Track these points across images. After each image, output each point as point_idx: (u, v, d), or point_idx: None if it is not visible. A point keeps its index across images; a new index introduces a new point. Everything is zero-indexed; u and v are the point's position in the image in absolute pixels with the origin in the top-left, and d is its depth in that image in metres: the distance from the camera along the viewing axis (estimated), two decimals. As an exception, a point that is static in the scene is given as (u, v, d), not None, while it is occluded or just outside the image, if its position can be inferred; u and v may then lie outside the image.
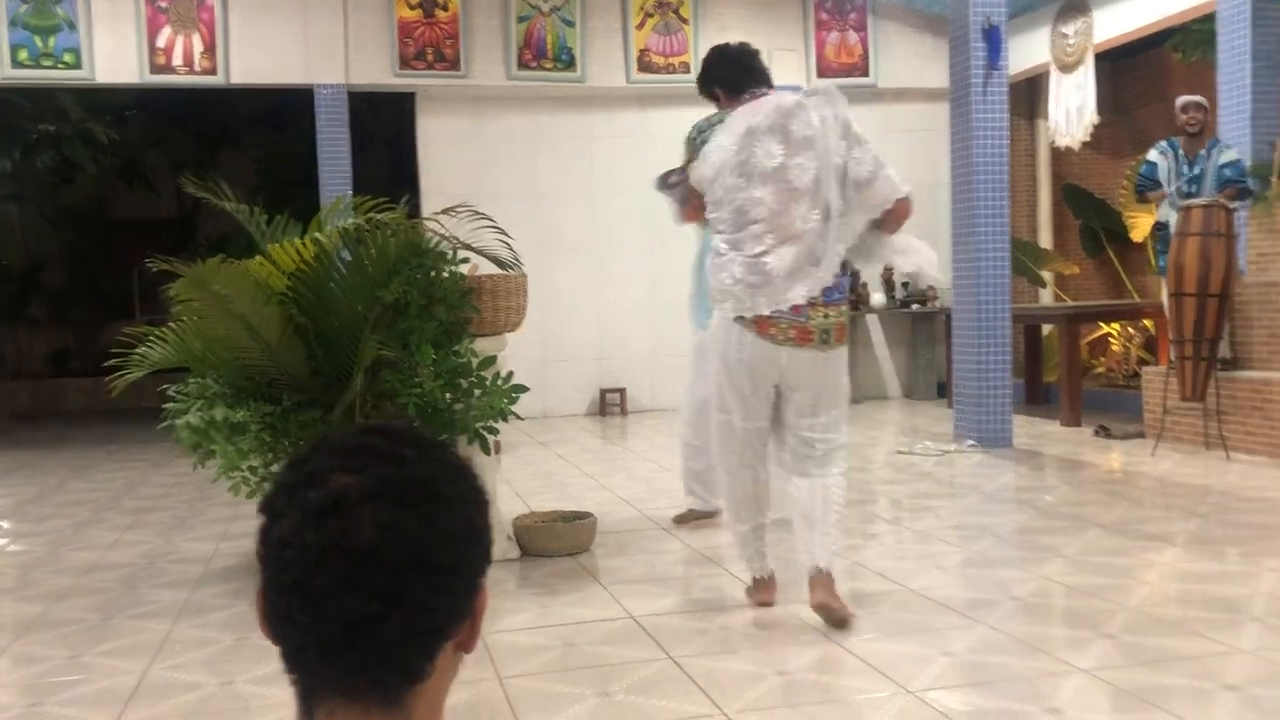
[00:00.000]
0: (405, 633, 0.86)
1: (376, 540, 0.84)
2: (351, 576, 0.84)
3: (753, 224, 3.39)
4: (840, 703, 2.83)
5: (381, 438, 0.91)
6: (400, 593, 0.85)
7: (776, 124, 3.41)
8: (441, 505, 0.89)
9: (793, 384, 3.47)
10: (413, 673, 0.88)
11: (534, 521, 4.75)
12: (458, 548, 0.89)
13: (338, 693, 0.86)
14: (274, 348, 4.03)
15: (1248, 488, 5.52)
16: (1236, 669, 2.96)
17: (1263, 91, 7.23)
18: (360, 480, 0.86)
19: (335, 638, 0.85)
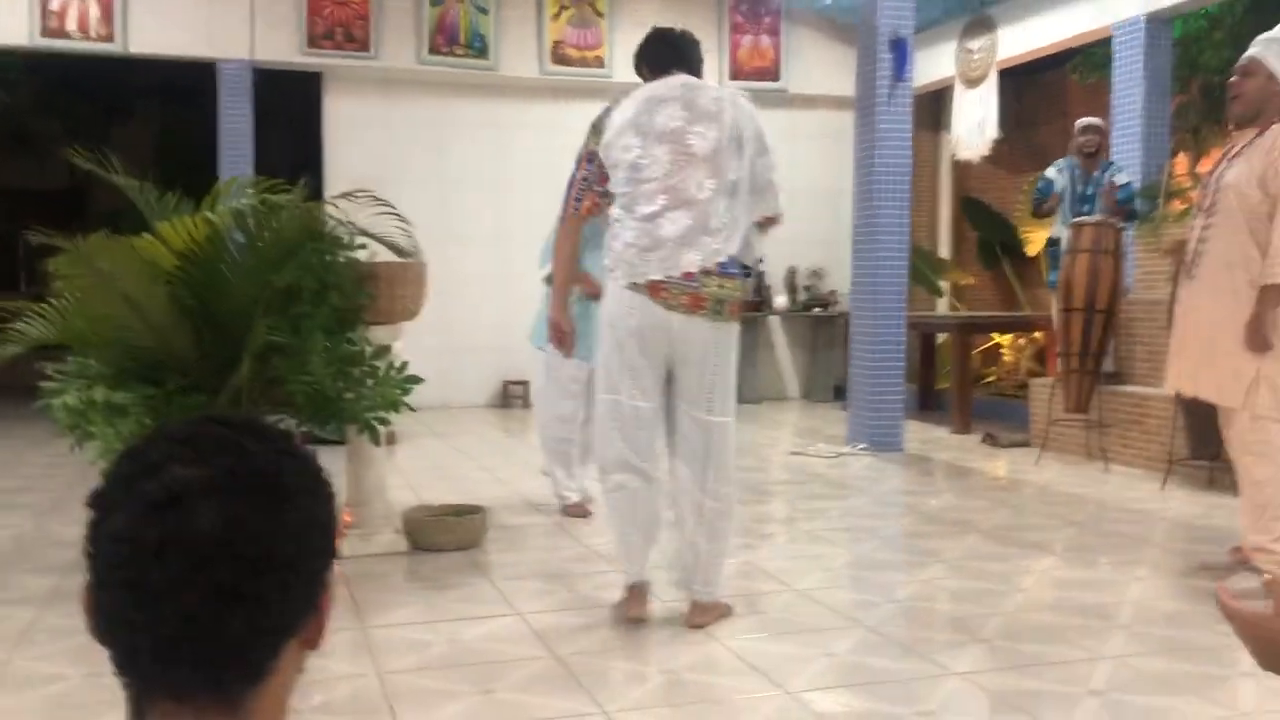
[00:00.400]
0: (247, 631, 0.84)
1: (218, 534, 0.81)
2: (191, 572, 0.81)
3: (645, 183, 3.33)
4: (720, 702, 2.86)
5: (222, 427, 0.88)
6: (242, 589, 0.82)
7: (682, 95, 3.41)
8: (285, 498, 0.86)
9: (682, 357, 3.37)
10: (254, 672, 0.86)
11: (424, 515, 4.69)
12: (302, 541, 0.86)
13: (172, 695, 0.83)
14: (160, 329, 3.92)
15: (1124, 499, 5.72)
16: (1101, 675, 3.06)
17: (1154, 116, 7.50)
18: (200, 472, 0.83)
19: (172, 637, 0.82)
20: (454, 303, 9.78)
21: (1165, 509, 5.47)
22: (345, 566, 4.28)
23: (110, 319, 3.93)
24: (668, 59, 3.59)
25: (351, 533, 4.51)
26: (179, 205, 4.49)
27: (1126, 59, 7.60)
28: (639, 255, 3.31)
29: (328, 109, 9.65)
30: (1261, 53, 3.97)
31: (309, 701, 2.86)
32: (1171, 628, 3.51)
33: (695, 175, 3.31)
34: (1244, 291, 3.91)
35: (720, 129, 3.35)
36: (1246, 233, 3.90)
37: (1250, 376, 3.89)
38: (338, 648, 3.33)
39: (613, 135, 3.42)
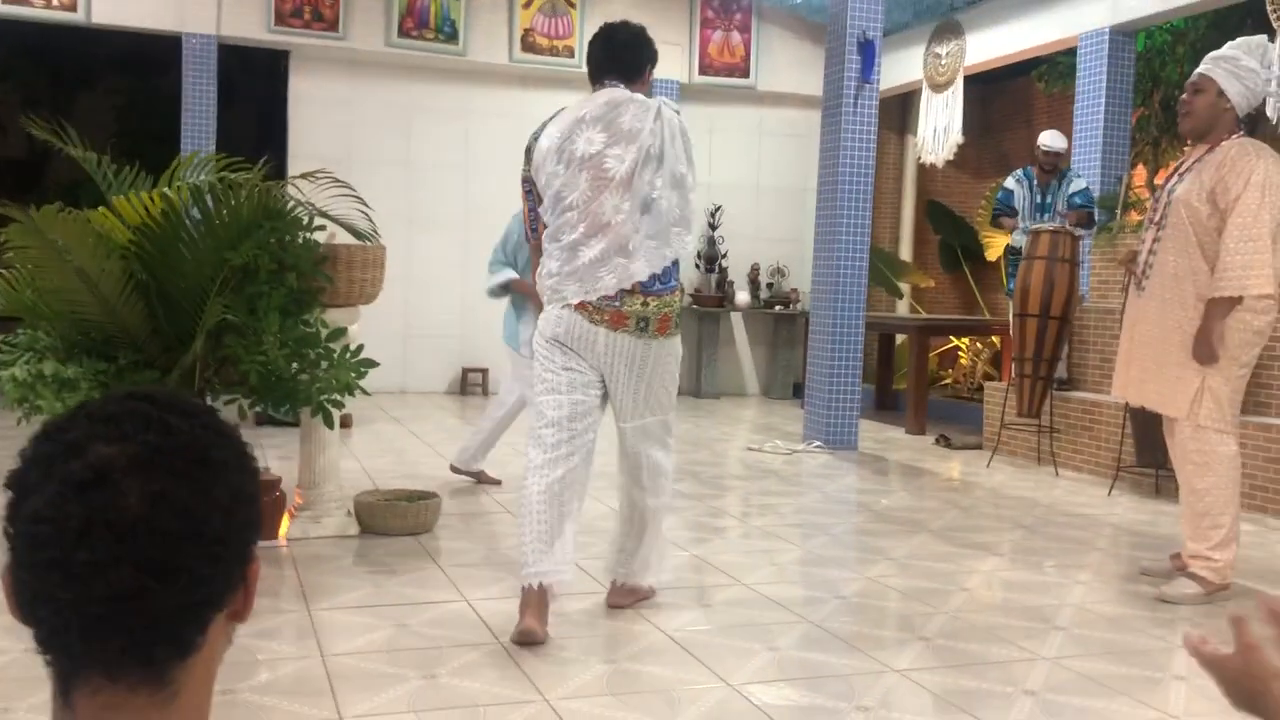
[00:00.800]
0: (176, 606, 0.84)
1: (144, 511, 0.81)
2: (118, 550, 0.81)
3: (567, 211, 3.37)
4: (661, 693, 2.88)
5: (145, 403, 0.87)
6: (171, 564, 0.83)
7: (604, 115, 3.39)
8: (211, 473, 0.86)
9: (609, 370, 3.42)
10: (183, 646, 0.86)
11: (376, 499, 4.68)
12: (229, 516, 0.87)
13: (100, 671, 0.83)
14: (112, 304, 3.87)
15: (1071, 503, 5.81)
16: (1037, 675, 3.11)
17: (1114, 127, 7.60)
18: (125, 449, 0.83)
19: (101, 615, 0.81)
20: (415, 289, 9.75)
21: (1111, 514, 5.56)
22: (294, 548, 4.26)
23: (61, 292, 3.88)
24: (603, 66, 3.55)
25: (302, 515, 4.49)
26: (137, 179, 4.45)
27: (1090, 69, 7.69)
28: (561, 281, 3.38)
29: (293, 88, 9.56)
30: (1211, 70, 4.04)
31: (253, 680, 2.85)
32: (1110, 631, 3.58)
33: (611, 199, 3.33)
34: (1191, 304, 3.99)
35: (639, 149, 3.33)
36: (1195, 246, 3.98)
37: (1195, 387, 3.97)
38: (283, 629, 3.33)
39: (540, 160, 3.43)
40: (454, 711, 2.70)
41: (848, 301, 7.39)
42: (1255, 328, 3.93)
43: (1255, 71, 4.00)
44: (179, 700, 0.86)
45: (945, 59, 9.38)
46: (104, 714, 0.84)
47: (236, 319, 3.91)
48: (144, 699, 0.84)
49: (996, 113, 11.21)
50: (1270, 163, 3.90)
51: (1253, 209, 3.84)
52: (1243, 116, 4.07)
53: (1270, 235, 3.84)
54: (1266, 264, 3.82)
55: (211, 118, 8.94)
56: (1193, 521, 4.06)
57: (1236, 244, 3.85)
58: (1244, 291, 3.84)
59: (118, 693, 0.84)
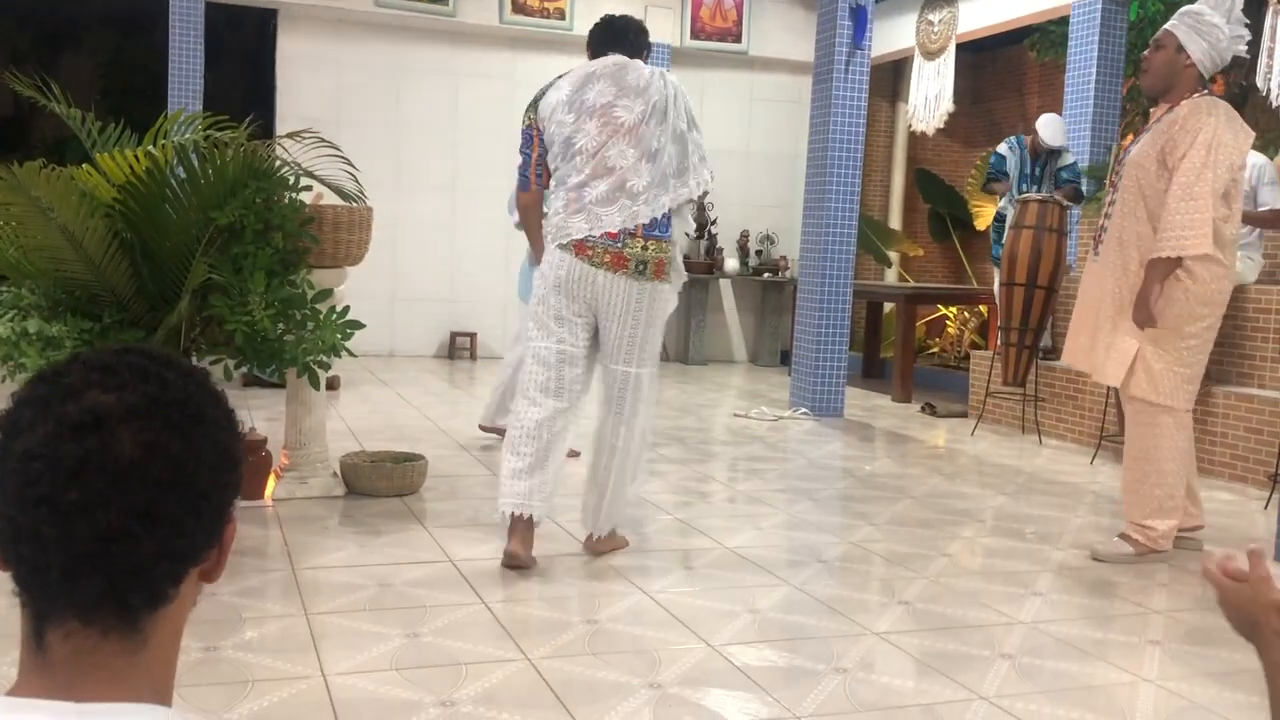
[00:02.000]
0: (157, 555, 0.85)
1: (138, 458, 0.83)
2: (109, 492, 0.82)
3: (576, 155, 3.59)
4: (642, 653, 2.91)
5: (142, 357, 0.89)
6: (157, 513, 0.84)
7: (614, 72, 3.65)
8: (203, 429, 0.88)
9: (604, 312, 3.61)
10: (157, 596, 0.87)
11: (362, 460, 4.69)
12: (215, 473, 0.89)
13: (75, 615, 0.85)
14: (96, 262, 3.85)
15: (1054, 471, 5.86)
16: (1014, 639, 3.16)
17: (1104, 97, 7.59)
18: (122, 397, 0.85)
19: (84, 555, 0.83)
20: (403, 251, 9.73)
21: (1093, 483, 5.60)
22: (280, 508, 4.28)
23: (45, 250, 3.86)
24: (605, 43, 3.81)
25: (288, 475, 4.50)
26: (122, 137, 4.41)
27: (1082, 39, 7.67)
28: (566, 219, 3.59)
29: (281, 47, 9.48)
30: (1174, 26, 3.97)
31: (237, 638, 2.88)
32: (1087, 597, 3.62)
33: (619, 145, 3.56)
34: (1133, 270, 3.96)
35: (645, 102, 3.58)
36: (1143, 209, 3.93)
37: (1129, 355, 3.96)
38: (268, 587, 3.35)
39: (549, 111, 3.65)
40: (436, 669, 2.73)
41: (836, 269, 7.39)
42: (1199, 296, 3.87)
43: (1218, 28, 3.90)
44: (148, 649, 0.87)
45: (938, 26, 9.34)
46: (75, 657, 0.85)
47: (222, 279, 3.89)
48: (115, 644, 0.86)
49: (988, 81, 11.19)
50: (1221, 121, 3.80)
51: (1196, 168, 3.76)
52: (1209, 76, 3.99)
53: (1211, 195, 3.75)
54: (1205, 224, 3.73)
55: (198, 77, 8.86)
56: (1129, 488, 4.12)
57: (1177, 203, 3.77)
58: (1181, 251, 3.76)
59: (90, 636, 0.85)
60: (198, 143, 3.96)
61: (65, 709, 0.81)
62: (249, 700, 2.51)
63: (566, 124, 3.59)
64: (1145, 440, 4.03)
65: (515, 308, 10.22)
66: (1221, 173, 3.78)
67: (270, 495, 4.41)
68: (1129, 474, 4.12)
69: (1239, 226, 4.02)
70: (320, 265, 4.32)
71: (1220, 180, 3.78)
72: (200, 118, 4.12)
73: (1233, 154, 3.81)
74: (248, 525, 4.02)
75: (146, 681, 0.87)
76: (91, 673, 0.85)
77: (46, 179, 3.61)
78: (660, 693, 2.65)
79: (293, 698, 2.54)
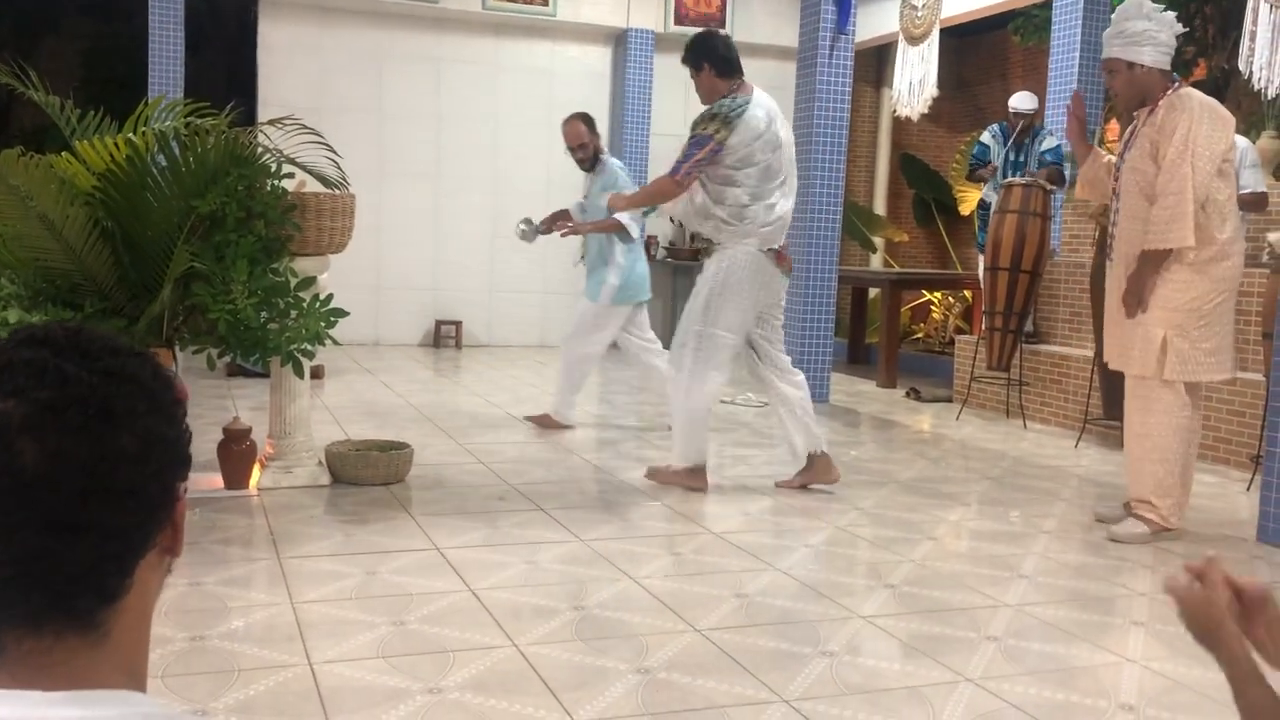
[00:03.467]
0: (92, 559, 0.81)
1: (43, 470, 0.78)
2: (19, 511, 0.78)
3: (771, 181, 4.53)
4: (629, 638, 2.91)
5: (41, 349, 0.82)
6: (78, 521, 0.80)
7: (778, 114, 4.64)
8: (115, 424, 0.82)
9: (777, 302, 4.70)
10: (106, 593, 0.83)
11: (348, 449, 4.68)
12: (140, 463, 0.83)
13: (24, 623, 0.81)
14: (77, 251, 3.83)
15: (1039, 455, 5.88)
16: (999, 622, 3.17)
17: (1088, 82, 7.59)
18: (18, 406, 0.79)
19: (14, 575, 0.79)
20: (387, 239, 9.70)
21: (1078, 466, 5.63)
22: (265, 498, 4.26)
23: (24, 239, 3.83)
24: (737, 67, 4.63)
25: (273, 465, 4.48)
26: (102, 124, 4.38)
27: (1065, 23, 7.68)
28: (771, 231, 4.54)
29: (263, 34, 9.41)
30: (1111, 51, 4.11)
31: (223, 627, 2.87)
32: (1072, 579, 3.64)
33: (791, 175, 4.65)
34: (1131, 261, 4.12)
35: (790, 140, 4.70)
36: (1145, 210, 4.07)
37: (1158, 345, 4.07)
38: (254, 576, 3.34)
39: (750, 140, 4.46)
40: (422, 657, 2.72)
41: (821, 255, 7.39)
42: (1217, 274, 4.02)
43: (1147, 30, 4.04)
44: (110, 640, 0.84)
45: (921, 11, 9.31)
46: (32, 658, 0.81)
47: (204, 267, 3.87)
48: (73, 643, 0.82)
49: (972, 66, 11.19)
50: (1196, 114, 3.95)
51: (1175, 162, 3.94)
52: (1169, 65, 4.11)
53: (1190, 186, 3.90)
54: (1186, 215, 3.90)
55: (179, 64, 8.79)
56: (1133, 467, 4.21)
57: (1162, 198, 3.97)
58: (1165, 244, 3.95)
59: (43, 639, 0.81)
60: (179, 130, 3.93)
61: (35, 699, 0.78)
62: (235, 689, 2.50)
63: (766, 155, 4.48)
64: (1145, 418, 4.14)
65: (505, 297, 10.23)
66: (1201, 164, 3.92)
67: (255, 484, 4.40)
68: (1131, 452, 4.22)
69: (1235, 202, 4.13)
70: (303, 253, 4.29)
71: (1201, 171, 3.92)
72: (181, 104, 4.09)
73: (1212, 143, 3.95)
74: (233, 514, 4.01)
75: (114, 669, 0.84)
76: (54, 670, 0.81)
77: (25, 167, 3.58)
78: (648, 678, 2.65)
79: (279, 686, 2.53)
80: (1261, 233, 6.06)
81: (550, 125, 10.31)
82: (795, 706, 2.52)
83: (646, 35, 10.05)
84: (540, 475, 4.86)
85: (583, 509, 4.33)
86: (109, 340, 0.87)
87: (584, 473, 5.00)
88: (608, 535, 3.95)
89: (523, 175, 10.20)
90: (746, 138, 4.42)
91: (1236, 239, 4.07)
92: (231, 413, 5.34)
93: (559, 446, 5.56)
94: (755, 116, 4.44)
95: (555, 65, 10.26)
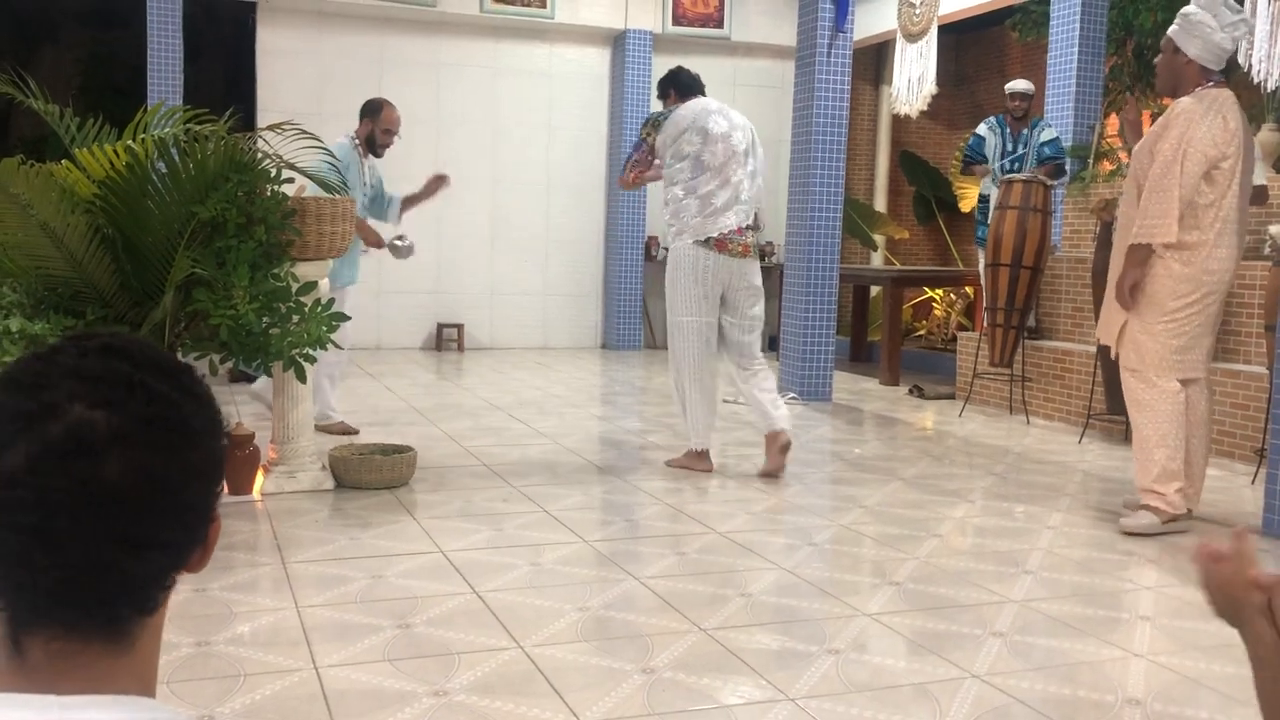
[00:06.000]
0: (147, 572, 0.84)
1: (127, 485, 0.80)
2: (96, 522, 0.79)
3: (705, 171, 4.85)
4: (634, 638, 2.91)
5: (124, 362, 0.84)
6: (148, 539, 0.82)
7: (721, 110, 4.99)
8: (191, 442, 0.85)
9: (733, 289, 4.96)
10: (148, 606, 0.85)
11: (351, 453, 4.68)
12: (205, 482, 0.86)
13: (60, 625, 0.82)
14: (78, 259, 3.83)
15: (1042, 450, 5.87)
16: (1005, 617, 3.17)
17: (1086, 76, 7.59)
18: (108, 418, 0.80)
19: (73, 580, 0.80)
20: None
21: (1081, 461, 5.62)
22: (269, 503, 4.26)
23: (25, 247, 3.83)
24: (696, 87, 5.12)
25: (276, 470, 4.48)
26: (101, 132, 4.38)
27: (1064, 18, 7.67)
28: (702, 222, 4.85)
29: (261, 40, 9.42)
30: (1171, 29, 4.19)
31: (229, 632, 2.87)
32: (1078, 574, 3.64)
33: (733, 164, 4.88)
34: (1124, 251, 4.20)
35: (744, 135, 4.97)
36: (1139, 199, 4.14)
37: (1118, 324, 4.22)
38: (259, 581, 3.34)
39: (675, 135, 4.89)
40: (429, 660, 2.72)
41: (822, 253, 7.39)
42: (1180, 275, 4.08)
43: (1204, 24, 4.08)
44: (134, 650, 0.85)
45: (919, 8, 9.31)
46: (56, 661, 0.82)
47: (205, 273, 3.87)
48: (99, 649, 0.83)
49: (970, 62, 11.19)
50: (1196, 116, 4.01)
51: (1166, 160, 4.01)
52: (1217, 68, 4.16)
53: (1176, 185, 3.97)
54: (1170, 213, 3.99)
55: (178, 72, 8.79)
56: (1136, 457, 4.29)
57: (1149, 194, 4.05)
58: (1150, 239, 4.03)
59: (73, 643, 0.82)
60: (178, 136, 3.92)
61: (47, 702, 0.79)
62: (241, 694, 2.50)
63: (695, 143, 4.84)
64: (1135, 409, 4.23)
65: (507, 299, 10.24)
66: (1190, 165, 3.99)
67: (259, 490, 4.40)
68: (1134, 441, 4.29)
69: (1232, 208, 4.12)
70: (304, 258, 4.30)
71: (1190, 173, 3.99)
72: (180, 111, 4.09)
73: (1204, 146, 4.00)
74: (238, 520, 4.01)
75: (132, 678, 0.85)
76: (74, 673, 0.82)
77: (25, 175, 3.58)
78: (654, 678, 2.65)
79: (285, 690, 2.53)
80: (1263, 225, 6.05)
81: (550, 127, 10.33)
82: (801, 705, 2.52)
83: (645, 36, 10.06)
84: (543, 477, 4.86)
85: (586, 510, 4.33)
86: (171, 356, 0.89)
87: (587, 474, 5.00)
88: (612, 536, 3.95)
89: (522, 177, 10.20)
90: (672, 133, 4.90)
91: (1215, 243, 4.08)
92: (234, 418, 5.34)
93: (562, 449, 5.55)
94: (680, 115, 4.92)
95: (554, 67, 10.27)
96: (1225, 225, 4.10)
